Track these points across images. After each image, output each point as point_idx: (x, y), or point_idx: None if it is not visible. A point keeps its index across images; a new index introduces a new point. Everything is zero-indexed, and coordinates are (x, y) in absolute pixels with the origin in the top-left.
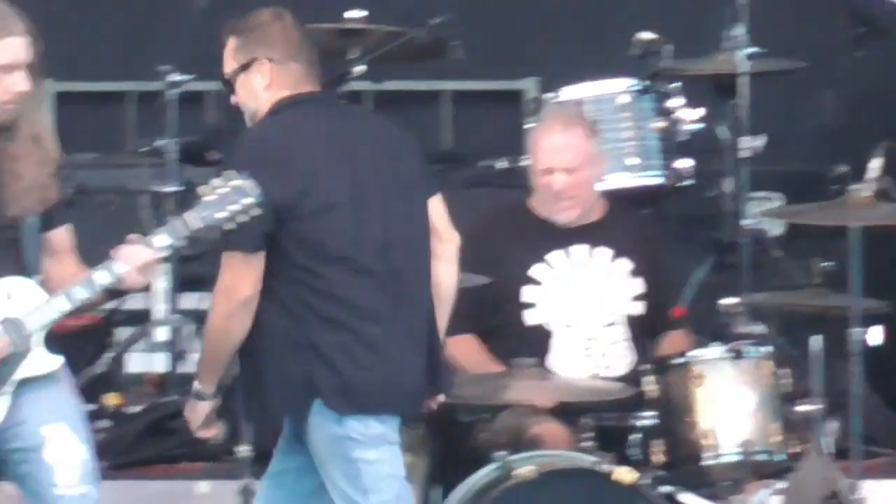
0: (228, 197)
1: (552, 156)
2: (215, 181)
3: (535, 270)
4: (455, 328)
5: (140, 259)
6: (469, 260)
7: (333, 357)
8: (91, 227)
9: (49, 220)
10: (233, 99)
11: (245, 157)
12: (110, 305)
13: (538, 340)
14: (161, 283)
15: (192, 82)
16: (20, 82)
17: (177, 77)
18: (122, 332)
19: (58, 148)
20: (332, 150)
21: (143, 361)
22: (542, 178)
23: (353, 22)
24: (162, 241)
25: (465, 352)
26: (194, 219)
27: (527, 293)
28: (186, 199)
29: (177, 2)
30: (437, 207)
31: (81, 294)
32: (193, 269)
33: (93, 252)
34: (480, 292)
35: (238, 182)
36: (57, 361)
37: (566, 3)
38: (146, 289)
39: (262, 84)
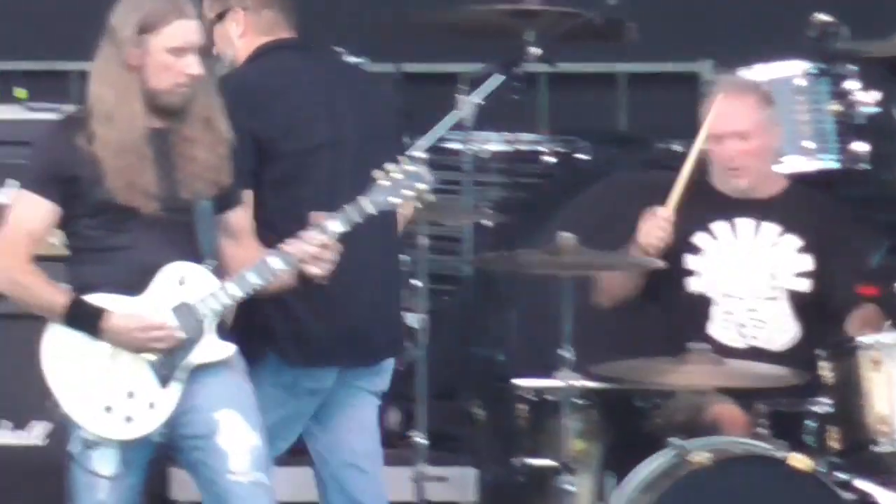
0: (402, 182)
1: (725, 121)
2: (390, 166)
3: (697, 238)
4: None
5: (314, 246)
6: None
7: (294, 306)
8: None
9: (225, 202)
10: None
11: (225, 101)
12: None
13: (699, 309)
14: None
15: (367, 64)
16: (193, 65)
17: (352, 59)
18: None
19: (230, 130)
20: (310, 93)
21: None
22: (713, 144)
23: (530, 3)
24: (335, 226)
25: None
26: (368, 204)
27: (689, 261)
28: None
29: None
30: None
31: (255, 280)
32: None
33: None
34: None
35: (412, 167)
36: (229, 348)
37: None
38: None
39: (237, 32)
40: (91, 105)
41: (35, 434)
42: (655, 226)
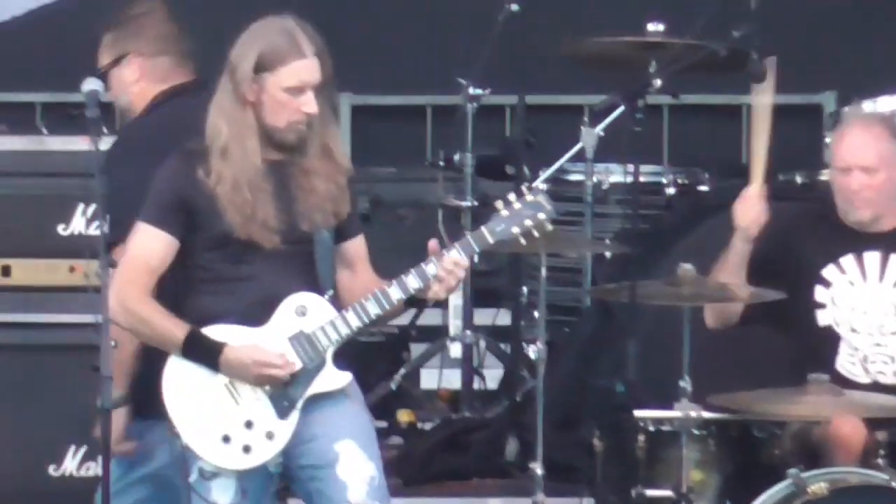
0: (523, 212)
1: (851, 154)
2: (511, 195)
3: (827, 271)
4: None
5: (458, 260)
6: (764, 253)
7: None
8: (386, 240)
9: (343, 232)
10: (108, 93)
11: (120, 150)
12: (405, 322)
13: (827, 342)
14: (455, 298)
15: (491, 95)
16: (309, 104)
17: (475, 90)
18: (417, 349)
19: (348, 160)
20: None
21: (437, 377)
22: (839, 176)
23: (653, 35)
24: (454, 256)
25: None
26: (488, 233)
27: (819, 293)
28: (481, 213)
29: (476, 14)
30: None
31: (374, 309)
32: (488, 284)
33: (387, 265)
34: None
35: (533, 197)
36: (346, 378)
37: (866, 16)
38: (441, 305)
39: (132, 78)
40: (209, 138)
41: None
42: (748, 206)
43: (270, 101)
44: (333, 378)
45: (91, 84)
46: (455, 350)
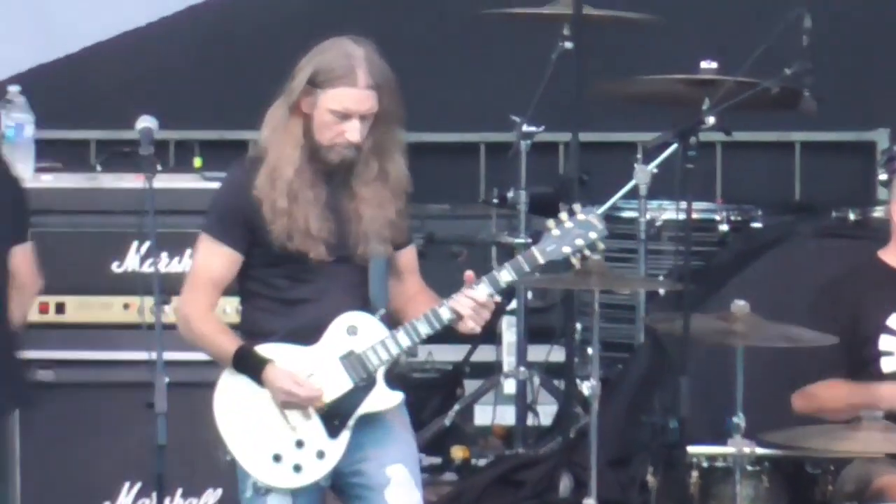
0: (574, 231)
1: None
2: (563, 214)
3: (892, 320)
4: (823, 374)
5: (482, 298)
6: (827, 309)
7: None
8: (440, 277)
9: (395, 245)
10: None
11: None
12: (459, 358)
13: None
14: (509, 335)
15: (544, 133)
16: (352, 131)
17: (529, 127)
18: (471, 385)
19: (406, 188)
20: None
21: (491, 414)
22: None
23: (706, 72)
24: (505, 276)
25: (836, 392)
26: (539, 254)
27: (884, 342)
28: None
29: (530, 52)
30: (21, 255)
31: (424, 329)
32: (542, 320)
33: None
34: (840, 343)
35: (584, 217)
36: (397, 397)
37: None
38: (495, 341)
39: None
40: (259, 148)
41: (208, 502)
42: None
43: (318, 118)
44: (385, 397)
45: (145, 122)
46: (509, 386)
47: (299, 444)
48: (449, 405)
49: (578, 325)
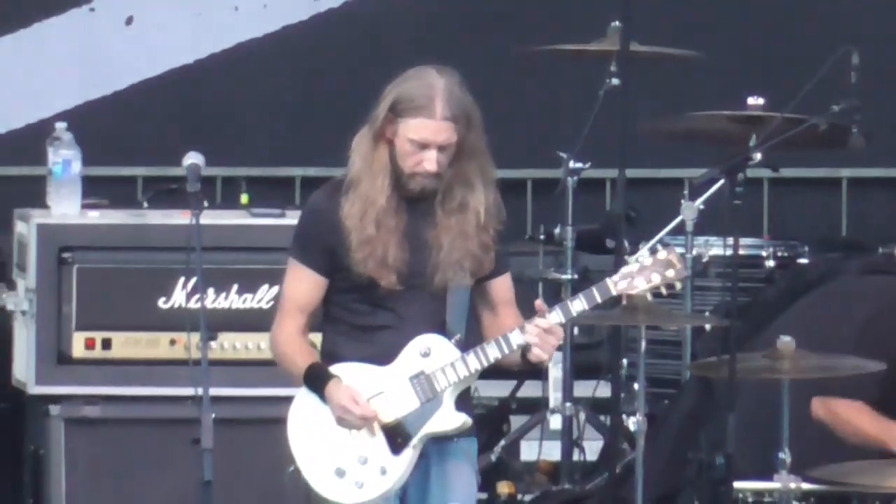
0: (651, 268)
1: None
2: (643, 252)
3: None
4: (851, 394)
5: (551, 324)
6: (872, 344)
7: None
8: None
9: (482, 276)
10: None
11: None
12: (505, 393)
13: None
14: (555, 370)
15: (592, 169)
16: (430, 161)
17: (576, 164)
18: (517, 421)
19: (495, 221)
20: None
21: (537, 449)
22: None
23: (753, 109)
24: (578, 306)
25: (858, 415)
26: (613, 285)
27: None
28: (582, 287)
29: (576, 88)
30: None
31: (493, 353)
32: (588, 356)
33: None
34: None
35: (663, 255)
36: (461, 419)
37: None
38: (541, 377)
39: None
40: (349, 174)
41: None
42: None
43: (399, 145)
44: (450, 419)
45: (192, 158)
46: (555, 422)
47: (363, 460)
48: (495, 441)
49: (625, 361)
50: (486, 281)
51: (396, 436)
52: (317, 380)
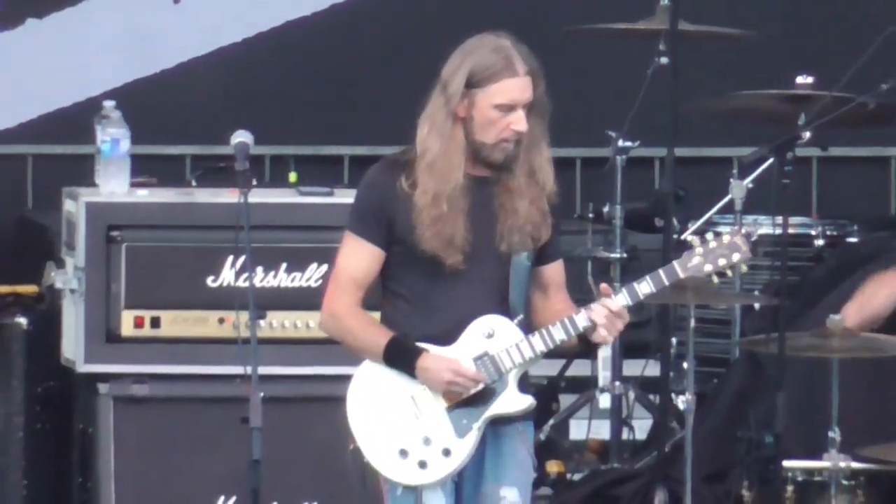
0: (717, 251)
1: None
2: (708, 235)
3: None
4: None
5: (617, 308)
6: None
7: None
8: None
9: (541, 256)
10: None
11: None
12: (554, 373)
13: None
14: (605, 349)
15: (640, 148)
16: (519, 122)
17: (625, 143)
18: (566, 400)
19: (553, 184)
20: None
21: (586, 428)
22: None
23: (802, 88)
24: (645, 289)
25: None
26: (680, 269)
27: None
28: (630, 266)
29: (625, 67)
30: None
31: (559, 335)
32: (637, 335)
33: None
34: None
35: (729, 238)
36: (527, 401)
37: None
38: (590, 356)
39: None
40: (417, 151)
41: None
42: None
43: (480, 118)
44: (515, 400)
45: (240, 137)
46: (604, 401)
47: (426, 441)
48: (544, 420)
49: (674, 340)
50: (544, 265)
51: (461, 417)
52: (403, 353)
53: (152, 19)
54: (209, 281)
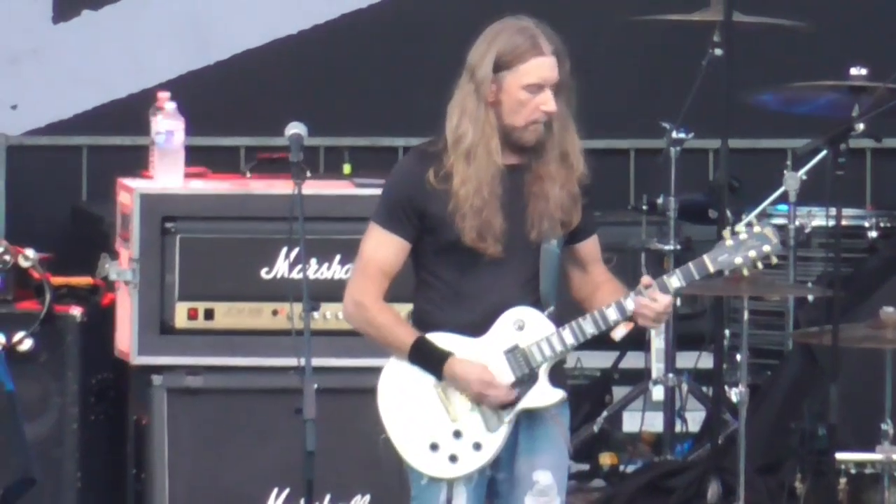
0: (748, 243)
1: None
2: (738, 227)
3: None
4: None
5: (655, 305)
6: None
7: None
8: None
9: (575, 234)
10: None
11: None
12: (607, 364)
13: None
14: (658, 341)
15: (695, 139)
16: (548, 102)
17: (679, 134)
18: (619, 392)
19: (584, 165)
20: None
21: (640, 420)
22: None
23: (856, 79)
24: (675, 283)
25: None
26: (710, 262)
27: None
28: (685, 257)
29: (680, 58)
30: None
31: (590, 329)
32: (691, 327)
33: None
34: None
35: (760, 229)
36: (558, 394)
37: None
38: (643, 348)
39: None
40: (449, 140)
41: None
42: None
43: (509, 101)
44: (546, 394)
45: (295, 128)
46: (657, 393)
47: (457, 434)
48: (598, 412)
49: (727, 332)
50: (579, 242)
51: (492, 411)
52: (429, 355)
53: (207, 10)
54: (263, 272)
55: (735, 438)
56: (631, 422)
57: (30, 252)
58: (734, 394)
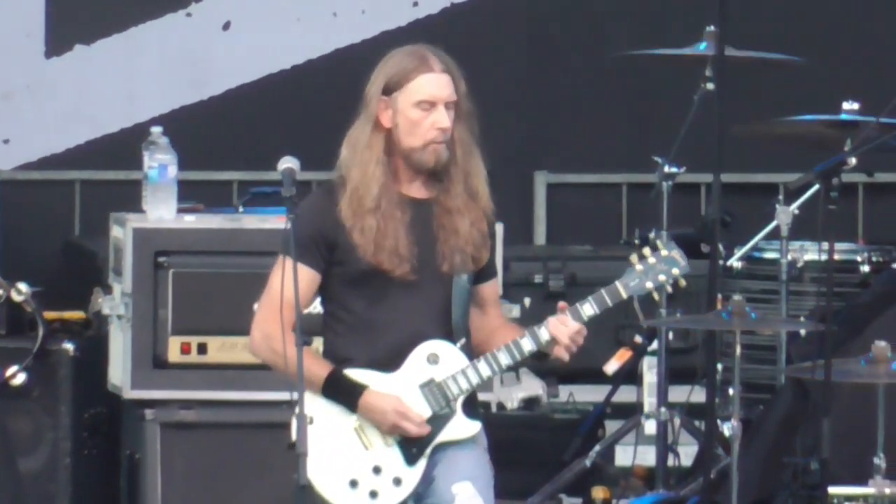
0: (657, 267)
1: None
2: (645, 251)
3: None
4: None
5: (566, 330)
6: None
7: None
8: None
9: (480, 274)
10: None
11: None
12: (599, 398)
13: None
14: (650, 375)
15: (687, 174)
16: (442, 119)
17: (671, 168)
18: (612, 426)
19: (491, 202)
20: None
21: (632, 454)
22: None
23: (849, 114)
24: (588, 310)
25: None
26: (622, 288)
27: None
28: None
29: (672, 93)
30: None
31: (505, 360)
32: (683, 361)
33: (584, 342)
34: None
35: (667, 252)
36: (475, 427)
37: None
38: (635, 382)
39: None
40: (340, 170)
41: None
42: None
43: (404, 121)
44: (463, 427)
45: (287, 163)
46: (650, 427)
47: (376, 470)
48: (590, 446)
49: (720, 366)
50: (482, 283)
51: (411, 446)
52: (343, 389)
53: (201, 46)
54: (255, 307)
55: (727, 473)
56: (623, 456)
57: (23, 286)
58: (726, 428)
